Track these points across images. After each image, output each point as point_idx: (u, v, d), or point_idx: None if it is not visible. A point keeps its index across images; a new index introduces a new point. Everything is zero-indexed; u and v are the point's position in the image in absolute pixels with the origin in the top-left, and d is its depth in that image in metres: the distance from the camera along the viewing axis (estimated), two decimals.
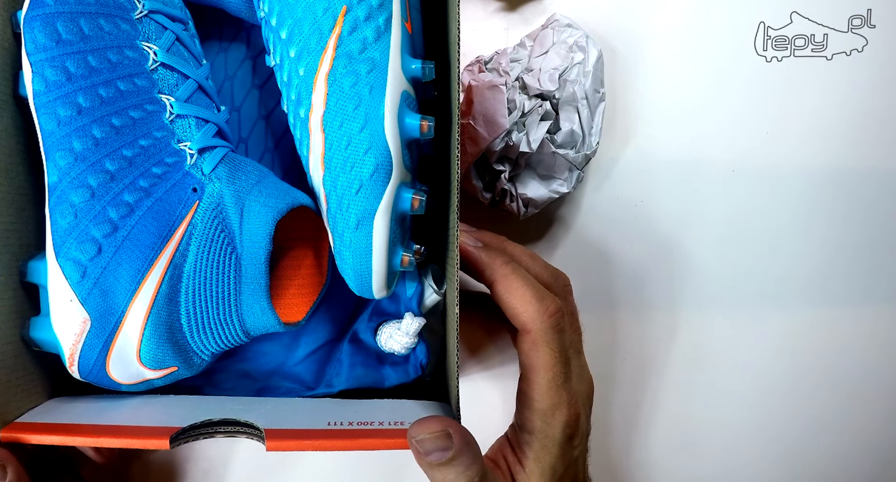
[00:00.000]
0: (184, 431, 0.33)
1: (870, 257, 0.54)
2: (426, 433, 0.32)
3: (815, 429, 0.54)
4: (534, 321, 0.35)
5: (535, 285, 0.36)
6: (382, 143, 0.34)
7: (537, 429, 0.35)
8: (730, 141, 0.53)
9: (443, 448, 0.32)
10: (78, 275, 0.34)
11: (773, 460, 0.54)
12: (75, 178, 0.34)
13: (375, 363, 0.43)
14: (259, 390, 0.42)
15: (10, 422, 0.35)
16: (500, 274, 0.37)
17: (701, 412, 0.54)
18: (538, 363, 0.35)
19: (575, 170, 0.47)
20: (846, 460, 0.55)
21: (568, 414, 0.35)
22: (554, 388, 0.35)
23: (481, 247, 0.38)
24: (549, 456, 0.35)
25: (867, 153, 0.53)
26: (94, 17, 0.34)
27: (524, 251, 0.40)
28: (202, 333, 0.36)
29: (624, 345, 0.53)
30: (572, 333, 0.39)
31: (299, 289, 0.40)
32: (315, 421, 0.35)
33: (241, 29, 0.44)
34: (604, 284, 0.52)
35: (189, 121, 0.36)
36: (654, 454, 0.54)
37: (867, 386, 0.54)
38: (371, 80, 0.34)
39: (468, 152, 0.46)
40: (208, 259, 0.35)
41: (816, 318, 0.54)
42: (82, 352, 0.35)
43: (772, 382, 0.54)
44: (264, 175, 0.37)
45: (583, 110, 0.45)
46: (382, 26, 0.35)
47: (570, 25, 0.47)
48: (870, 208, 0.54)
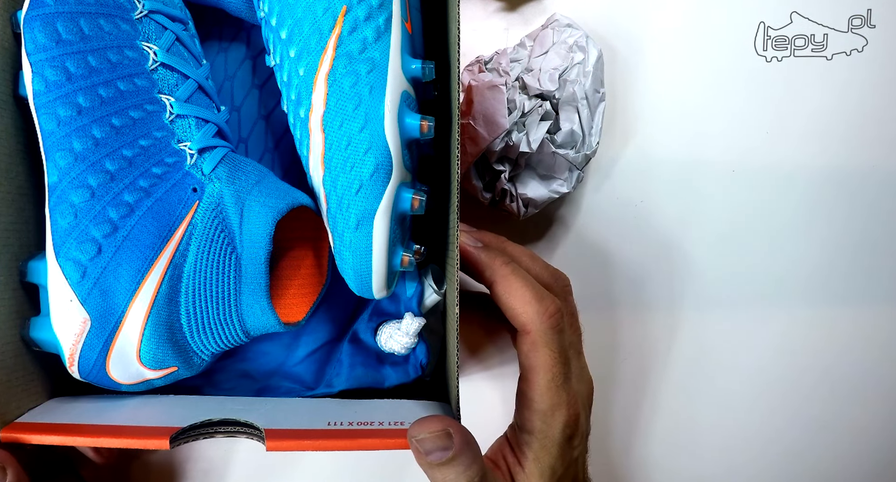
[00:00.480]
0: (184, 431, 0.33)
1: (870, 257, 0.54)
2: (426, 432, 0.32)
3: (814, 428, 0.54)
4: (533, 322, 0.35)
5: (535, 286, 0.36)
6: (382, 142, 0.34)
7: (537, 429, 0.35)
8: (730, 141, 0.53)
9: (443, 448, 0.32)
10: (78, 276, 0.34)
11: (772, 460, 0.54)
12: (75, 178, 0.34)
13: (375, 363, 0.43)
14: (259, 390, 0.42)
15: (10, 422, 0.35)
16: (500, 274, 0.37)
17: (701, 412, 0.54)
18: (538, 364, 0.35)
19: (575, 170, 0.47)
20: (846, 460, 0.55)
21: (567, 414, 0.35)
22: (553, 389, 0.35)
23: (481, 248, 0.38)
24: (548, 456, 0.35)
25: (867, 153, 0.53)
26: (94, 17, 0.34)
27: (524, 251, 0.40)
28: (202, 333, 0.36)
29: (624, 345, 0.53)
30: (572, 334, 0.39)
31: (299, 289, 0.40)
32: (315, 421, 0.35)
33: (241, 29, 0.44)
34: (604, 284, 0.52)
35: (189, 121, 0.36)
36: (653, 454, 0.54)
37: (867, 386, 0.55)
38: (371, 80, 0.34)
39: (468, 152, 0.46)
40: (208, 259, 0.35)
41: (816, 318, 0.54)
42: (82, 352, 0.35)
43: (771, 382, 0.54)
44: (264, 175, 0.37)
45: (583, 110, 0.45)
46: (382, 26, 0.35)
47: (570, 25, 0.47)
48: (870, 208, 0.54)
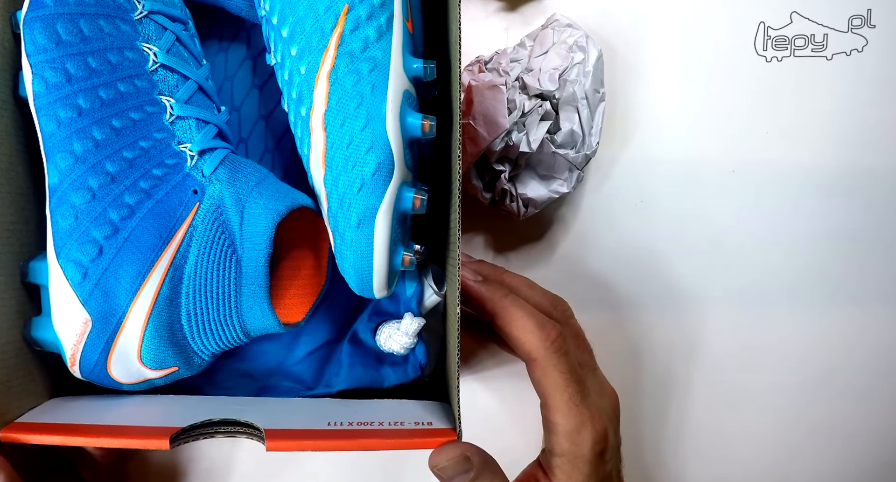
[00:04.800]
0: (184, 431, 0.33)
1: (870, 257, 0.54)
2: (445, 461, 0.33)
3: (824, 432, 0.54)
4: (537, 349, 0.36)
5: (535, 314, 0.37)
6: (384, 141, 0.34)
7: (567, 451, 0.35)
8: (730, 141, 0.53)
9: (464, 471, 0.33)
10: (79, 277, 0.34)
11: (771, 460, 0.54)
12: (76, 180, 0.34)
13: (375, 363, 0.43)
14: (259, 389, 0.42)
15: (11, 422, 0.35)
16: (500, 306, 0.37)
17: (700, 412, 0.54)
18: (551, 387, 0.36)
19: (575, 170, 0.47)
20: (864, 464, 0.55)
21: (594, 430, 0.35)
22: (574, 408, 0.35)
23: (481, 281, 0.39)
24: (580, 475, 0.35)
25: (867, 153, 0.53)
26: (94, 18, 0.34)
27: (522, 281, 0.41)
28: (203, 334, 0.36)
29: (623, 345, 0.53)
30: (581, 353, 0.39)
31: (299, 289, 0.40)
32: (315, 421, 0.35)
33: (241, 28, 0.44)
34: (604, 284, 0.52)
35: (189, 122, 0.36)
36: (653, 452, 0.54)
37: (873, 386, 0.54)
38: (373, 79, 0.34)
39: (468, 152, 0.46)
40: (209, 260, 0.35)
41: (816, 318, 0.54)
42: (83, 353, 0.35)
43: (773, 381, 0.54)
44: (264, 176, 0.37)
45: (583, 110, 0.45)
46: (384, 25, 0.35)
47: (570, 25, 0.47)
48: (870, 208, 0.54)
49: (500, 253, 0.52)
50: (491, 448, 0.35)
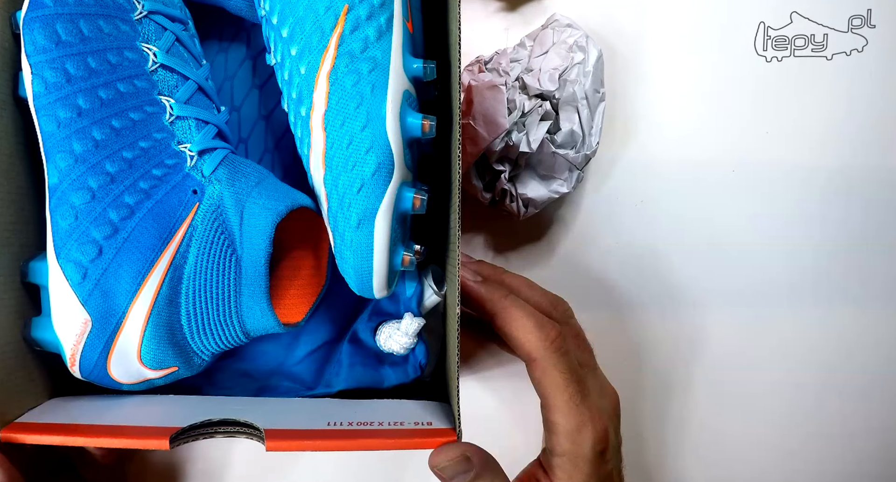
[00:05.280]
0: (183, 431, 0.33)
1: (870, 257, 0.54)
2: (445, 461, 0.34)
3: (824, 432, 0.54)
4: (537, 349, 0.36)
5: (535, 315, 0.37)
6: (384, 141, 0.34)
7: (567, 450, 0.35)
8: (730, 141, 0.53)
9: (464, 471, 0.34)
10: (79, 277, 0.34)
11: (771, 459, 0.54)
12: (76, 180, 0.34)
13: (375, 363, 0.43)
14: (259, 389, 0.42)
15: (11, 422, 0.35)
16: (500, 307, 0.37)
17: (701, 411, 0.54)
18: (551, 387, 0.36)
19: (575, 170, 0.47)
20: (861, 464, 0.55)
21: (594, 430, 0.35)
22: (574, 408, 0.35)
23: (481, 282, 0.39)
24: (580, 474, 0.35)
25: (867, 153, 0.53)
26: (94, 18, 0.34)
27: (522, 281, 0.41)
28: (202, 334, 0.36)
29: (623, 345, 0.53)
30: (581, 353, 0.39)
31: (299, 290, 0.40)
32: (315, 421, 0.35)
33: (241, 29, 0.44)
34: (604, 284, 0.52)
35: (189, 122, 0.36)
36: (653, 452, 0.54)
37: (873, 386, 0.54)
38: (373, 79, 0.34)
39: (468, 152, 0.46)
40: (208, 261, 0.35)
41: (816, 318, 0.54)
42: (83, 353, 0.35)
43: (773, 382, 0.54)
44: (264, 177, 0.37)
45: (583, 110, 0.45)
46: (384, 25, 0.35)
47: (570, 25, 0.47)
48: (870, 208, 0.54)
49: (500, 253, 0.52)
50: (491, 448, 0.35)
